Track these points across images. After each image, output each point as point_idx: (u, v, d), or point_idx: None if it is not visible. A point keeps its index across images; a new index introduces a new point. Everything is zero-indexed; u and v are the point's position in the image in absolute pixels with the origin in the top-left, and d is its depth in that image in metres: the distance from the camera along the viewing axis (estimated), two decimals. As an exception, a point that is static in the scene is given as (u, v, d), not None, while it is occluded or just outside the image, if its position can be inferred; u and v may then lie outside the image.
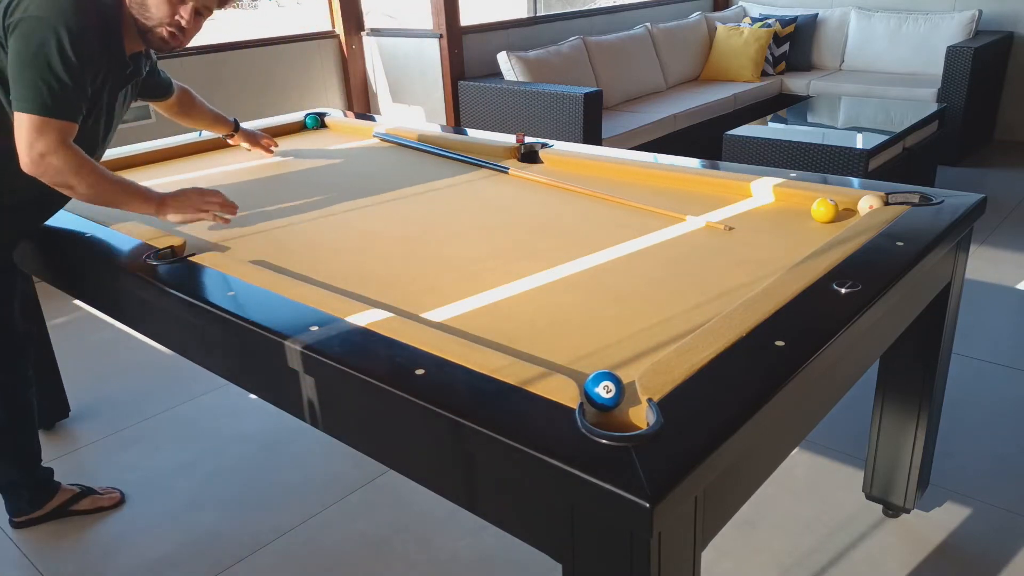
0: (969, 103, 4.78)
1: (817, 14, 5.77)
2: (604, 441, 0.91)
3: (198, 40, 2.03)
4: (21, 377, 1.95)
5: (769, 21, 5.74)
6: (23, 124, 1.51)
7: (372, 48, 4.68)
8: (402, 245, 1.69)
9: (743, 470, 1.09)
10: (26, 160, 1.52)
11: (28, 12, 1.49)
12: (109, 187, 1.65)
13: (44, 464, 2.14)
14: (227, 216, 1.81)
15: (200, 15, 1.68)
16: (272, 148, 2.45)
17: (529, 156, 2.28)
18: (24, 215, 1.80)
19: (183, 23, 1.65)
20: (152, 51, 1.83)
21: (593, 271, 1.51)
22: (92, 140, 1.75)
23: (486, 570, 1.90)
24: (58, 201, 1.80)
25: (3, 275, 1.88)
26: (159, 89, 2.10)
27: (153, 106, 2.18)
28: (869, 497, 2.02)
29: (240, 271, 1.49)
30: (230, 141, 2.42)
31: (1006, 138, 5.49)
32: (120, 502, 2.18)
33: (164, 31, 1.66)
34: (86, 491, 2.15)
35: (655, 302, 1.36)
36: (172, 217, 1.75)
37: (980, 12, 5.15)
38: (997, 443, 2.27)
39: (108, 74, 1.68)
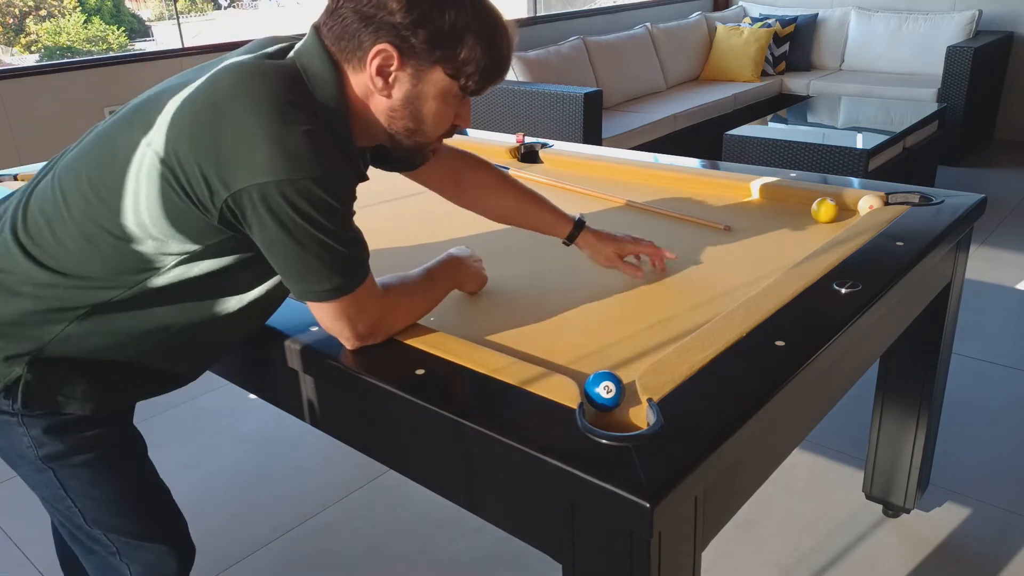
0: (969, 103, 4.78)
1: (817, 14, 5.77)
2: (604, 441, 0.91)
3: (198, 40, 1.97)
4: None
5: (769, 21, 5.74)
6: (327, 315, 1.16)
7: (372, 48, 4.68)
8: (401, 245, 1.69)
9: (743, 470, 1.09)
10: (353, 345, 1.21)
11: (256, 178, 1.02)
12: (427, 299, 1.31)
13: None
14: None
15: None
16: None
17: (529, 156, 2.28)
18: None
19: (462, 125, 1.23)
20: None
21: (593, 271, 1.51)
22: None
23: (486, 570, 1.90)
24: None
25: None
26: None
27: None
28: (869, 497, 2.02)
29: (240, 271, 1.49)
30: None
31: (1006, 138, 5.49)
32: None
33: (437, 144, 1.25)
34: None
35: (655, 302, 1.37)
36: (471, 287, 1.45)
37: (980, 12, 5.15)
38: (997, 443, 2.27)
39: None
